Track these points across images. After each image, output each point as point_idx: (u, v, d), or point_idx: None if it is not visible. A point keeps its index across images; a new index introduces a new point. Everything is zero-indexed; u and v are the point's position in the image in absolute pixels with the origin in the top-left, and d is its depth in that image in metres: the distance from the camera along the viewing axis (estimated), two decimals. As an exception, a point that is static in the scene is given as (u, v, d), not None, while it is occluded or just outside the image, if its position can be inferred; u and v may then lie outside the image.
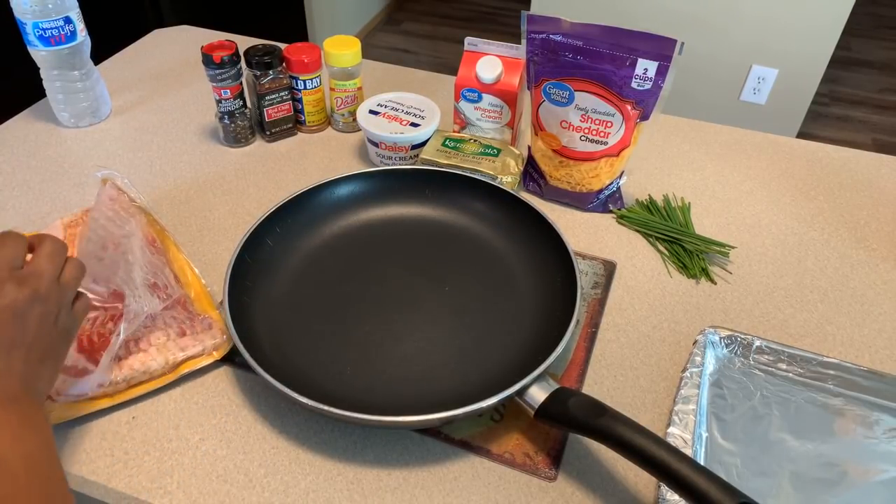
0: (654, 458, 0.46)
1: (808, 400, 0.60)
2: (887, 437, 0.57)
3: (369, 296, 0.67)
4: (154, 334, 0.59)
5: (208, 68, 0.82)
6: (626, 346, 0.65)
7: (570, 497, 0.53)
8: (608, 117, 0.73)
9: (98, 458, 0.54)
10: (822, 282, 0.72)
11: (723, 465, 0.54)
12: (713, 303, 0.70)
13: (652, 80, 0.69)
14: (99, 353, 0.56)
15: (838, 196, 0.85)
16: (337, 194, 0.74)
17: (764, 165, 0.90)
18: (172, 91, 1.02)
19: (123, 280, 0.59)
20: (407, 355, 0.61)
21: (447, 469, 0.54)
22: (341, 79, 0.89)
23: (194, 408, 0.58)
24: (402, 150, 0.83)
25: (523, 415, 0.55)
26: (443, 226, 0.74)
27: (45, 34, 0.82)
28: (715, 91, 2.20)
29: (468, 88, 0.83)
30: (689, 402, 0.57)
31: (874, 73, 2.90)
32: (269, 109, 0.88)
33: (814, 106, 2.31)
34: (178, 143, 0.91)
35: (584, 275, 0.72)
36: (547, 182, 0.81)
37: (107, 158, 0.88)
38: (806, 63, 2.05)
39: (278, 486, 0.53)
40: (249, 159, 0.88)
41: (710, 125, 0.97)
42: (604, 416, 0.50)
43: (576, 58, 0.71)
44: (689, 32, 2.08)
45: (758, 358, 0.62)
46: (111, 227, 0.65)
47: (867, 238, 0.78)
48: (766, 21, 2.00)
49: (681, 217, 0.79)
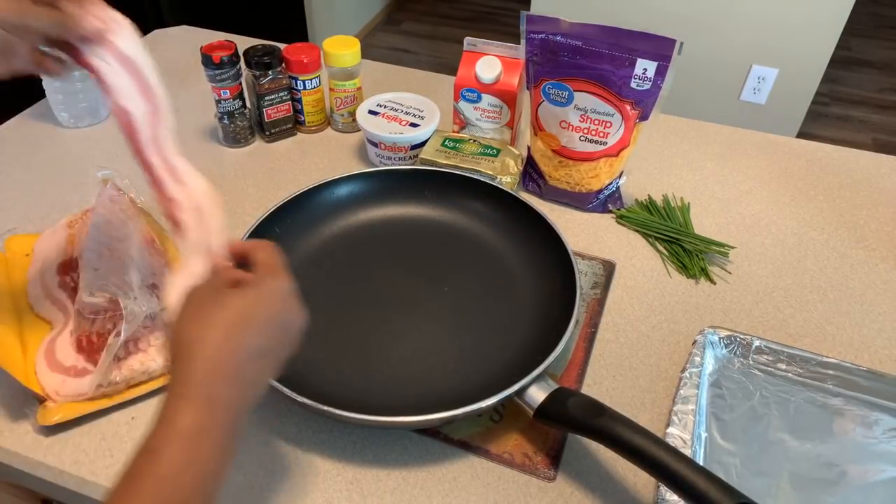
0: (654, 459, 0.46)
1: (807, 400, 0.60)
2: (887, 437, 0.57)
3: (369, 296, 0.67)
4: (154, 334, 0.59)
5: (208, 68, 0.82)
6: (625, 346, 0.65)
7: (570, 497, 0.53)
8: (607, 117, 0.73)
9: (98, 458, 0.54)
10: (821, 282, 0.72)
11: (722, 466, 0.54)
12: (713, 303, 0.70)
13: (651, 80, 0.69)
14: (98, 353, 0.56)
15: (838, 196, 0.85)
16: (336, 194, 0.74)
17: (764, 165, 0.90)
18: (172, 91, 1.01)
19: (117, 285, 0.59)
20: (406, 355, 0.61)
21: (446, 469, 0.54)
22: (341, 79, 0.89)
23: (194, 408, 0.58)
24: (401, 150, 0.83)
25: (523, 415, 0.55)
26: (442, 226, 0.74)
27: (44, 34, 0.82)
28: (715, 91, 2.20)
29: (468, 88, 0.83)
30: (689, 403, 0.57)
31: (874, 73, 2.90)
32: (268, 109, 0.88)
33: (814, 106, 2.31)
34: (177, 143, 0.91)
35: (584, 275, 0.72)
36: (546, 182, 0.81)
37: (106, 159, 0.88)
38: (806, 63, 2.04)
39: (278, 486, 0.53)
40: (249, 159, 0.89)
41: (710, 125, 0.97)
42: (603, 417, 0.50)
43: (575, 58, 0.71)
44: (688, 32, 2.08)
45: (757, 358, 0.62)
46: (109, 230, 0.65)
47: (867, 238, 0.78)
48: (766, 21, 2.00)
49: (680, 217, 0.79)
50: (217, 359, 0.39)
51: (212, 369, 0.39)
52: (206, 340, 0.39)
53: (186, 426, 0.37)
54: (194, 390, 0.38)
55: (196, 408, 0.38)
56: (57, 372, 0.57)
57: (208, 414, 0.38)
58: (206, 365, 0.39)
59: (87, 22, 0.45)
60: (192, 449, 0.37)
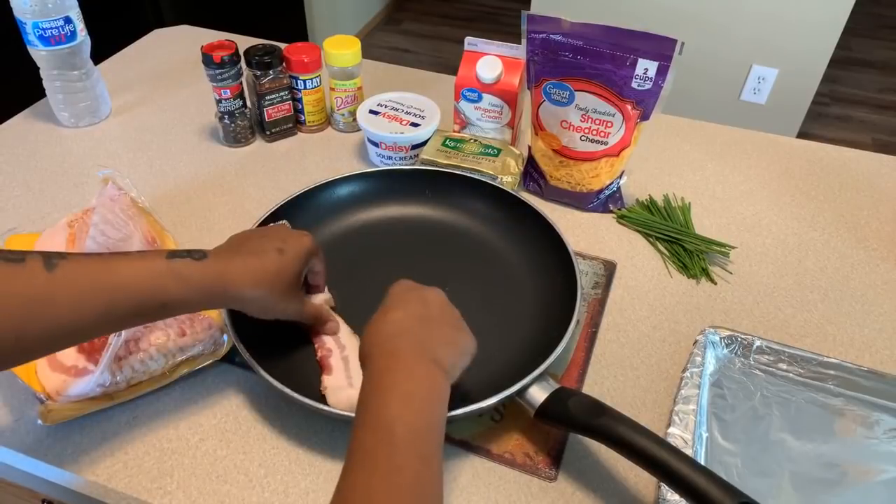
0: (655, 458, 0.46)
1: (808, 400, 0.60)
2: (887, 437, 0.57)
3: (369, 295, 0.67)
4: (154, 334, 0.59)
5: (208, 68, 0.82)
6: (626, 346, 0.65)
7: (571, 497, 0.53)
8: (608, 117, 0.72)
9: (98, 459, 0.54)
10: (822, 282, 0.72)
11: (723, 465, 0.54)
12: (713, 303, 0.70)
13: (652, 80, 0.69)
14: (99, 353, 0.56)
15: (838, 196, 0.85)
16: (337, 194, 0.74)
17: (764, 165, 0.90)
18: (172, 91, 1.02)
19: None
20: (407, 355, 0.61)
21: (447, 469, 0.54)
22: (341, 78, 0.89)
23: (194, 408, 0.58)
24: (402, 150, 0.83)
25: (523, 415, 0.55)
26: (443, 226, 0.74)
27: (45, 34, 0.82)
28: (715, 91, 2.20)
29: (468, 88, 0.83)
30: (690, 402, 0.57)
31: (874, 73, 2.90)
32: (269, 109, 0.88)
33: (814, 106, 2.31)
34: (178, 143, 0.91)
35: (585, 275, 0.72)
36: (547, 182, 0.81)
37: (107, 158, 0.88)
38: (806, 63, 2.04)
39: (278, 486, 0.53)
40: (249, 159, 0.88)
41: (710, 125, 0.97)
42: (604, 416, 0.50)
43: (576, 58, 0.71)
44: (689, 32, 2.08)
45: (758, 358, 0.62)
46: (110, 229, 0.65)
47: (867, 238, 0.78)
48: (766, 21, 2.00)
49: (681, 217, 0.79)
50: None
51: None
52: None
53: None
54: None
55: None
56: (58, 372, 0.56)
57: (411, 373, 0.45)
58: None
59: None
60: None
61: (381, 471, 0.38)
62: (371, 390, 0.43)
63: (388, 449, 0.39)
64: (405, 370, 0.44)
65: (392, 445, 0.39)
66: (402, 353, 0.45)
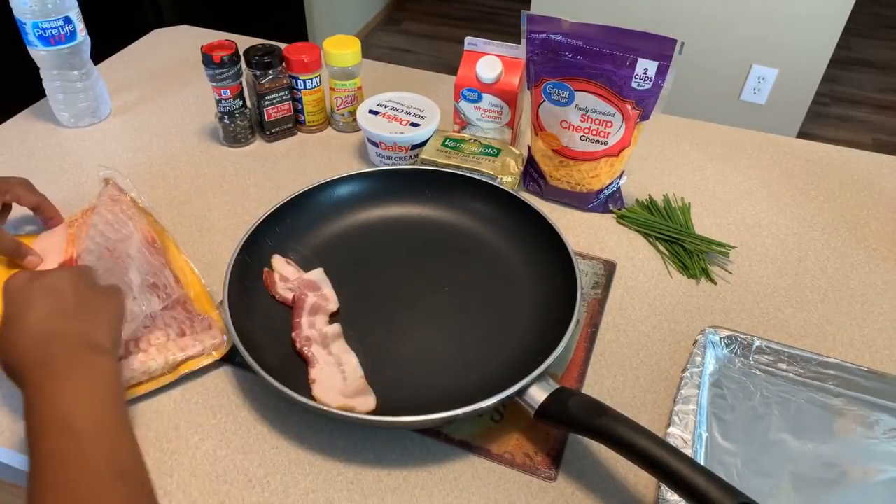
0: (655, 459, 0.46)
1: (808, 400, 0.60)
2: (887, 437, 0.57)
3: (369, 296, 0.67)
4: (154, 334, 0.59)
5: (208, 68, 0.82)
6: (626, 346, 0.65)
7: (571, 497, 0.53)
8: (608, 117, 0.73)
9: (98, 459, 0.54)
10: (822, 282, 0.72)
11: (723, 466, 0.54)
12: (713, 303, 0.70)
13: (652, 80, 0.69)
14: (99, 353, 0.56)
15: (838, 196, 0.85)
16: (337, 194, 0.74)
17: (764, 165, 0.90)
18: (172, 91, 1.02)
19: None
20: (407, 355, 0.61)
21: (447, 469, 0.54)
22: (341, 78, 0.89)
23: (194, 408, 0.58)
24: (402, 150, 0.83)
25: (523, 415, 0.55)
26: (443, 226, 0.74)
27: (44, 34, 0.82)
28: (715, 91, 2.20)
29: (468, 88, 0.83)
30: (690, 403, 0.57)
31: (874, 73, 2.90)
32: (268, 109, 0.88)
33: (814, 106, 2.31)
34: (177, 143, 0.91)
35: (584, 275, 0.72)
36: (547, 182, 0.81)
37: (107, 158, 0.88)
38: (806, 63, 2.05)
39: (278, 486, 0.53)
40: (249, 159, 0.88)
41: (710, 125, 0.97)
42: (604, 417, 0.50)
43: (576, 58, 0.71)
44: (689, 32, 2.08)
45: (758, 358, 0.62)
46: (109, 230, 0.65)
47: (867, 238, 0.78)
48: (766, 21, 2.00)
49: (681, 217, 0.79)
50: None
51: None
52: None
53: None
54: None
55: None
56: (57, 372, 0.56)
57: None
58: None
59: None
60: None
61: (73, 473, 0.39)
62: (34, 404, 0.43)
63: (77, 448, 0.40)
64: (65, 373, 0.44)
65: (79, 443, 0.40)
66: (56, 360, 0.45)
